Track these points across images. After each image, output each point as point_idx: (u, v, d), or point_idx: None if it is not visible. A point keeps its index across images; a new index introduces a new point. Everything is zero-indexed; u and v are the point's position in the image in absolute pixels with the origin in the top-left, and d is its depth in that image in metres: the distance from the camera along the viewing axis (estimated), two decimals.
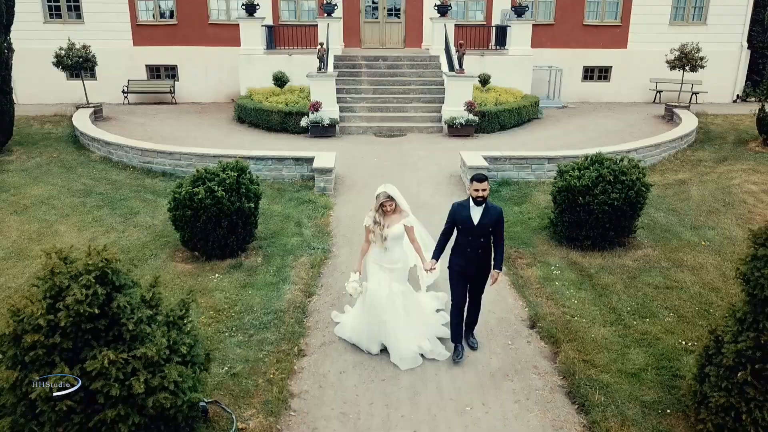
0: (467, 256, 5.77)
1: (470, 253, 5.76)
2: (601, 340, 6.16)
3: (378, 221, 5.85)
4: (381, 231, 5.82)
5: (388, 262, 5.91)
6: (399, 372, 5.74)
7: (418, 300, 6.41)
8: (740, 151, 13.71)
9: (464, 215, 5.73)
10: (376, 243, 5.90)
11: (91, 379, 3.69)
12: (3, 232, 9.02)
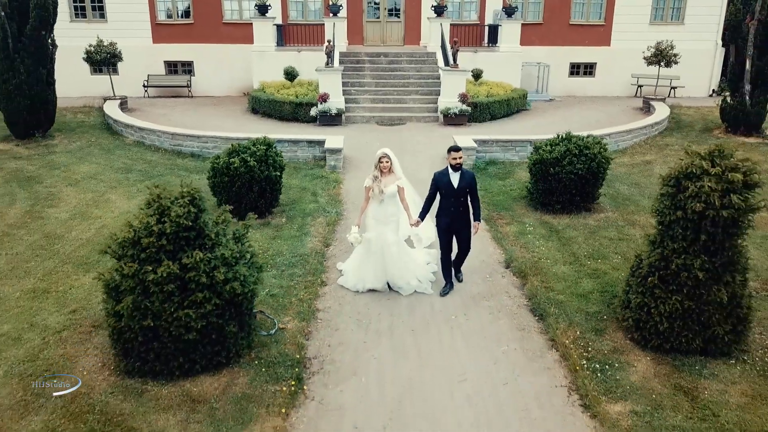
0: (451, 215, 7.23)
1: (453, 212, 7.22)
2: (560, 274, 7.77)
3: (377, 176, 7.31)
4: (379, 185, 7.27)
5: (384, 216, 7.34)
6: (400, 295, 7.33)
7: (410, 251, 7.88)
8: (704, 137, 15.34)
9: (445, 181, 7.18)
10: (374, 198, 7.30)
11: (186, 271, 5.29)
12: (63, 200, 10.62)
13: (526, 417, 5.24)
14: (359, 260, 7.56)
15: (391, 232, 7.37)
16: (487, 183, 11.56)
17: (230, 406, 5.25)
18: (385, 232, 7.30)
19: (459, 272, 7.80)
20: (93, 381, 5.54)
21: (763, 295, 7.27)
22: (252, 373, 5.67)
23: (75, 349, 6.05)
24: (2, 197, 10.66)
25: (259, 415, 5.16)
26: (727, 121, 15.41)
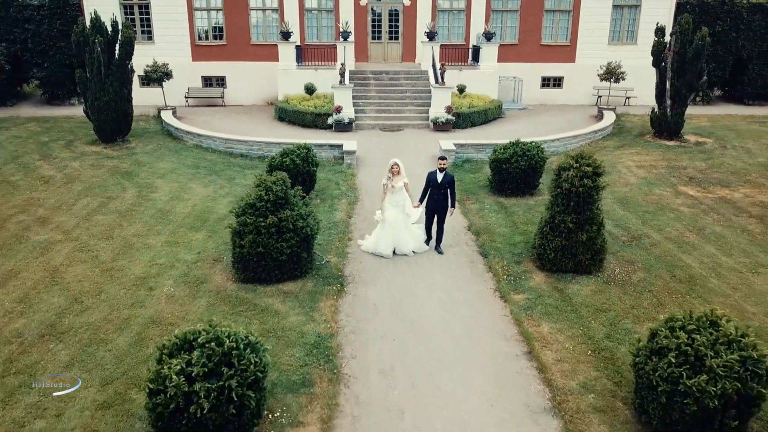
0: (435, 201, 11.34)
1: (437, 199, 11.28)
2: (501, 233, 12.06)
3: (390, 176, 11.48)
4: (391, 183, 11.42)
5: (396, 201, 11.50)
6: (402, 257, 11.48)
7: (411, 226, 12.07)
8: (636, 141, 19.64)
9: (433, 178, 11.32)
10: (389, 191, 11.42)
11: (280, 221, 9.57)
12: (159, 188, 14.88)
13: (471, 302, 9.52)
14: (378, 233, 11.51)
15: (402, 214, 11.38)
16: (462, 176, 15.85)
17: (305, 296, 9.54)
18: (397, 214, 11.32)
19: (439, 246, 11.81)
20: (225, 285, 9.83)
21: (626, 243, 11.57)
22: (315, 281, 9.96)
23: (208, 271, 10.34)
24: (114, 186, 14.93)
25: (321, 299, 9.44)
26: (655, 128, 19.70)
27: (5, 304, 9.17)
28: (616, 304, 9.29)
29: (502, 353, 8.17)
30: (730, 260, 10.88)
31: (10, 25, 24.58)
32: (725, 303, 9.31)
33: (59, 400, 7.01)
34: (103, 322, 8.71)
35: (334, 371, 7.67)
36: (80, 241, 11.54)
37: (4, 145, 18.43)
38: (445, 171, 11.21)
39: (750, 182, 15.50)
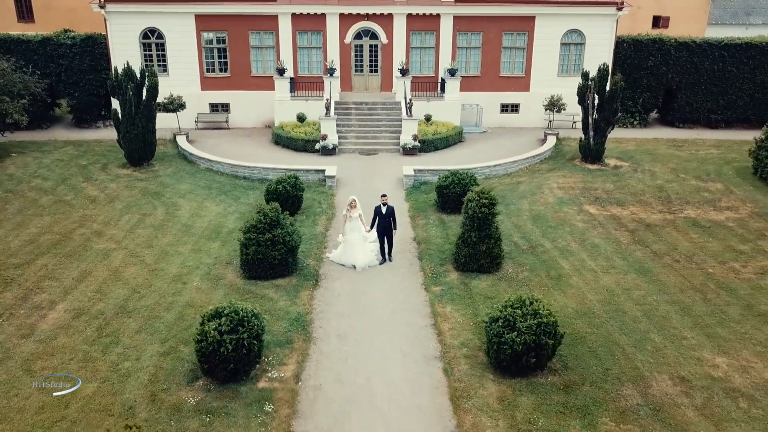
0: (383, 227, 15.59)
1: (384, 225, 15.57)
2: (437, 242, 16.47)
3: (348, 209, 15.78)
4: (349, 214, 15.72)
5: (353, 228, 15.70)
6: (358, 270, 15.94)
7: (366, 245, 16.34)
8: (566, 165, 24.05)
9: (379, 210, 15.56)
10: (348, 219, 15.75)
11: (273, 236, 13.96)
12: (181, 206, 19.27)
13: (404, 292, 13.93)
14: (341, 250, 15.86)
15: (358, 236, 15.76)
16: (417, 196, 20.27)
17: (291, 288, 13.95)
18: (354, 237, 15.68)
19: (390, 256, 16.11)
20: (235, 281, 14.22)
21: (525, 250, 15.98)
22: (298, 278, 14.36)
23: (223, 271, 14.74)
24: (147, 205, 19.32)
25: (302, 290, 13.85)
26: (582, 153, 24.10)
27: (87, 293, 13.57)
28: (501, 293, 13.69)
29: (417, 324, 12.60)
30: (593, 264, 15.31)
31: (47, 61, 28.93)
32: (574, 293, 13.74)
33: (138, 350, 11.41)
34: (155, 305, 13.11)
35: (307, 335, 12.09)
36: (129, 249, 15.96)
37: (52, 168, 22.80)
38: (388, 204, 15.49)
39: (641, 202, 19.93)
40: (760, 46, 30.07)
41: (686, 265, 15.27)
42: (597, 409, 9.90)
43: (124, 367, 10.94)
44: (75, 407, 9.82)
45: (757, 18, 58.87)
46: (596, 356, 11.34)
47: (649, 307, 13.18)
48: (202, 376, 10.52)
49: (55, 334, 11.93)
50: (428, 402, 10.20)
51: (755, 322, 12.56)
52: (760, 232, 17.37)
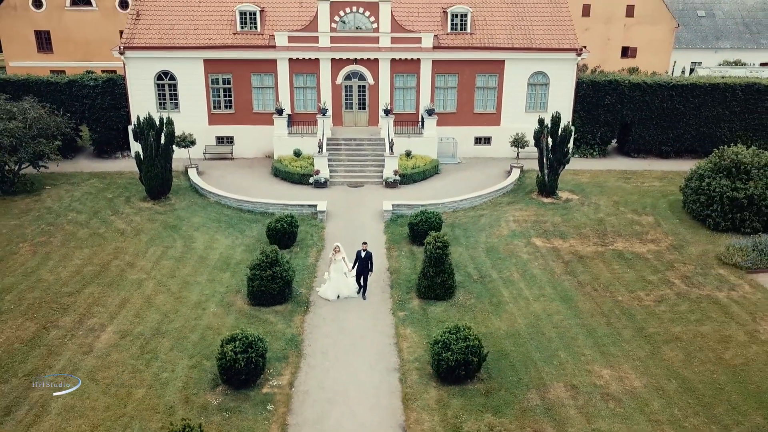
0: (362, 268, 19.25)
1: (363, 266, 19.21)
2: (405, 273, 20.34)
3: (333, 253, 19.57)
4: (334, 257, 19.51)
5: (337, 268, 19.33)
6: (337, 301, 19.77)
7: (347, 280, 20.06)
8: (525, 198, 27.91)
9: (359, 255, 19.15)
10: (333, 262, 19.54)
11: (273, 272, 17.83)
12: (197, 239, 23.11)
13: (375, 316, 17.79)
14: (327, 285, 19.65)
15: (342, 274, 19.47)
16: (394, 229, 24.13)
17: (287, 313, 17.81)
18: (339, 274, 19.44)
19: (364, 295, 19.74)
20: (243, 307, 18.08)
21: (475, 280, 19.86)
22: (292, 305, 18.23)
23: (233, 299, 18.61)
24: (167, 238, 23.16)
25: (296, 315, 17.73)
26: (538, 188, 27.98)
27: (129, 318, 17.44)
28: (451, 318, 17.56)
29: (383, 343, 16.48)
30: (528, 292, 19.21)
31: (72, 100, 32.75)
32: (508, 318, 17.61)
33: (172, 363, 15.27)
34: (182, 328, 16.99)
35: (299, 352, 15.97)
36: (157, 279, 19.83)
37: (83, 202, 26.62)
38: (367, 249, 19.22)
39: (580, 235, 23.82)
40: (703, 87, 33.98)
41: (602, 293, 19.17)
42: (506, 409, 13.79)
43: (163, 377, 14.80)
44: (131, 407, 13.70)
45: (726, 42, 62.91)
46: (514, 369, 15.23)
47: (563, 329, 17.08)
48: (222, 383, 14.39)
49: (108, 351, 15.80)
50: (386, 402, 14.09)
51: (640, 342, 16.46)
52: (671, 264, 21.27)
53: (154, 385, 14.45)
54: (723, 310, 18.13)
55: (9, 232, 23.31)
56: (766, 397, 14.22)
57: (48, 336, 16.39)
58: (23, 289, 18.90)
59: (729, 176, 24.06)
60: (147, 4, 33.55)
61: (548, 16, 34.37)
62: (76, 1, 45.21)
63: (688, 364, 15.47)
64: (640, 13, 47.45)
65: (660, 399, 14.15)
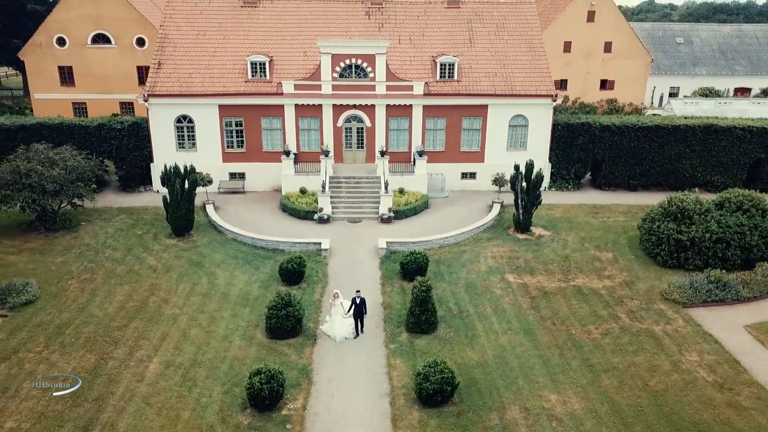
0: (357, 311, 23.01)
1: (358, 310, 22.96)
2: (397, 308, 24.25)
3: (333, 299, 23.39)
4: (334, 302, 23.32)
5: (336, 311, 23.09)
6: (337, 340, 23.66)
7: (345, 321, 23.86)
8: (502, 234, 31.84)
9: (354, 301, 22.83)
10: (333, 306, 23.38)
11: (287, 312, 21.76)
12: (219, 276, 27.02)
13: (370, 349, 21.71)
14: (328, 325, 23.45)
15: (341, 316, 23.28)
16: (388, 265, 28.04)
17: (298, 345, 21.71)
18: (337, 317, 23.24)
19: (362, 331, 23.60)
20: (262, 340, 21.98)
21: (455, 314, 23.78)
22: (303, 338, 22.12)
23: (254, 332, 22.52)
24: (194, 274, 27.05)
25: (305, 347, 21.61)
26: (515, 225, 31.92)
27: (170, 350, 21.33)
28: (433, 349, 21.46)
29: (376, 372, 20.40)
30: (498, 326, 23.12)
31: (102, 141, 36.62)
32: (479, 349, 21.51)
33: (209, 390, 19.17)
34: (214, 359, 20.89)
35: (309, 380, 19.89)
36: (189, 314, 23.73)
37: (117, 238, 30.51)
38: (361, 296, 22.99)
39: (548, 271, 27.75)
40: (666, 128, 37.98)
41: (559, 327, 23.11)
42: (473, 427, 17.71)
43: (203, 401, 18.72)
44: (180, 426, 17.61)
45: (702, 68, 67.05)
46: (480, 394, 19.16)
47: (524, 359, 21.02)
48: (249, 407, 18.30)
49: (157, 379, 19.71)
50: (378, 423, 18.01)
51: (584, 371, 20.40)
52: (620, 299, 25.23)
53: (197, 408, 18.37)
54: (656, 343, 22.09)
55: (57, 269, 27.21)
56: (676, 418, 18.17)
57: (106, 366, 20.29)
58: (79, 324, 22.80)
59: (675, 220, 28.02)
60: (167, 54, 37.43)
61: (527, 65, 38.32)
62: (97, 39, 49.02)
63: (620, 390, 19.41)
64: (617, 49, 51.34)
65: (593, 420, 18.09)
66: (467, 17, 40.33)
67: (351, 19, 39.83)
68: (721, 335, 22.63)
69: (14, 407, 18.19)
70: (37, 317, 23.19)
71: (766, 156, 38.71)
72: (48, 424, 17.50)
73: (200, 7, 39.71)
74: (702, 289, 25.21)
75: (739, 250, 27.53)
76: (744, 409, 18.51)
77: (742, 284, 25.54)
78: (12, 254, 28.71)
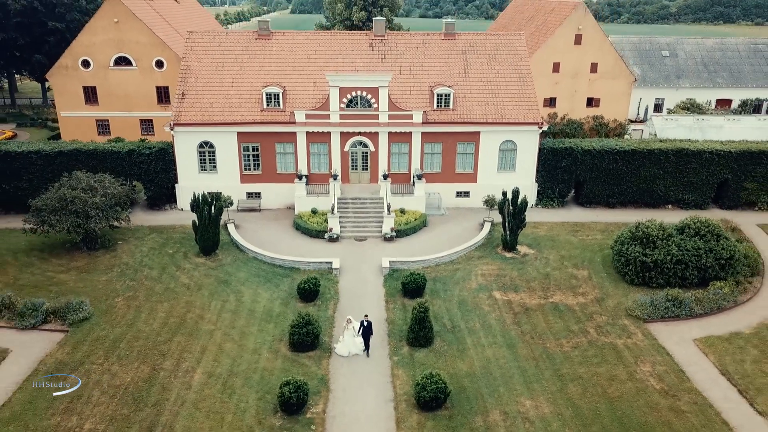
0: (365, 333, 27.03)
1: (366, 331, 26.97)
2: (398, 323, 28.44)
3: (346, 324, 27.35)
4: (346, 327, 27.30)
5: (349, 334, 27.07)
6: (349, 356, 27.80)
7: (356, 340, 27.86)
8: (491, 252, 35.97)
9: (362, 324, 26.92)
10: (345, 329, 27.38)
11: (309, 330, 25.95)
12: (244, 293, 31.16)
13: (377, 361, 25.89)
14: (341, 345, 27.43)
15: (351, 337, 27.30)
16: (390, 282, 32.18)
17: (316, 357, 25.89)
18: (349, 338, 27.20)
19: (368, 352, 27.61)
20: (286, 353, 26.15)
21: (448, 330, 27.97)
22: (320, 351, 26.27)
23: (278, 346, 26.71)
24: (222, 292, 31.20)
25: (323, 359, 25.80)
26: (502, 244, 36.04)
27: (210, 362, 25.52)
28: (430, 362, 25.67)
29: (382, 381, 24.61)
30: (485, 340, 27.31)
31: (132, 165, 40.62)
32: (468, 361, 25.69)
33: (245, 397, 23.41)
34: (247, 370, 25.09)
35: (327, 388, 24.11)
36: (222, 329, 27.90)
37: (151, 257, 34.62)
38: (368, 320, 27.01)
39: (530, 288, 31.92)
40: (642, 152, 42.00)
41: (537, 341, 27.31)
42: (461, 428, 21.92)
43: (242, 406, 22.93)
44: (225, 427, 21.81)
45: (686, 81, 70.85)
46: (468, 400, 23.37)
47: (505, 370, 25.23)
48: (280, 411, 22.50)
49: (202, 387, 23.91)
50: (384, 425, 22.24)
51: (555, 380, 24.62)
52: (591, 315, 29.43)
53: (237, 412, 22.59)
54: (617, 355, 26.32)
55: (104, 287, 31.37)
56: (626, 420, 22.41)
57: (159, 376, 24.49)
58: (130, 338, 26.99)
59: (641, 244, 32.16)
60: (189, 86, 41.34)
61: (516, 94, 42.26)
62: (119, 62, 52.79)
63: (583, 397, 23.65)
64: (602, 70, 55.13)
65: (558, 422, 22.33)
66: (462, 48, 44.19)
67: (356, 50, 43.67)
68: (673, 348, 26.85)
69: (89, 411, 22.41)
70: (94, 332, 27.37)
71: (731, 176, 42.76)
72: (119, 426, 21.73)
73: (218, 39, 43.55)
74: (660, 306, 29.41)
75: (696, 271, 31.69)
76: (682, 413, 22.77)
77: (695, 302, 29.74)
78: (62, 273, 32.85)
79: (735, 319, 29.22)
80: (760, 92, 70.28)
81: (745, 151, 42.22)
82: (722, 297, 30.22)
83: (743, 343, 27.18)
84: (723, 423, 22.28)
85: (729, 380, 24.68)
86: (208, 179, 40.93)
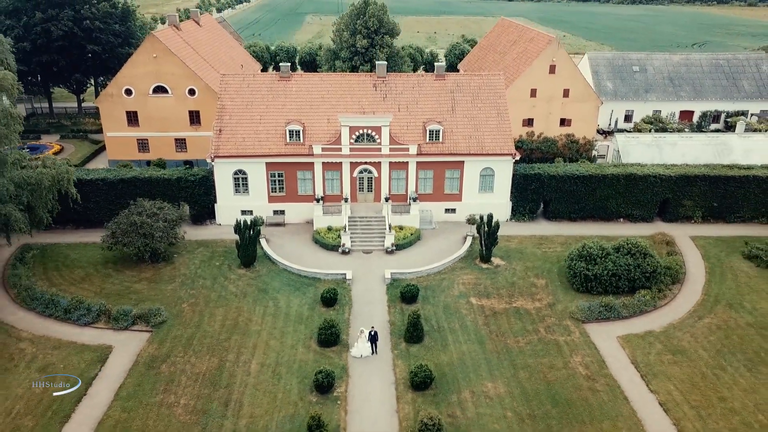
0: (372, 339, 36.42)
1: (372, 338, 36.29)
2: (398, 325, 37.93)
3: (359, 335, 36.56)
4: (359, 336, 36.55)
5: (362, 341, 36.34)
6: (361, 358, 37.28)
7: (366, 344, 37.12)
8: (471, 264, 45.33)
9: (369, 333, 36.42)
10: (359, 338, 36.61)
11: (332, 332, 35.47)
12: (280, 300, 40.57)
13: (383, 359, 35.49)
14: (355, 349, 36.60)
15: (363, 343, 36.60)
16: (392, 291, 41.57)
17: (338, 351, 35.40)
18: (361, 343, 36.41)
19: (375, 351, 37.04)
20: (316, 348, 35.69)
21: (435, 330, 37.54)
22: (340, 347, 35.72)
23: (309, 342, 36.19)
24: (262, 299, 40.62)
25: (343, 353, 35.37)
26: (480, 257, 45.37)
27: (261, 355, 35.06)
28: (421, 355, 35.21)
29: (386, 370, 34.20)
30: (462, 338, 36.83)
31: (179, 189, 49.72)
32: (449, 354, 35.24)
33: (290, 382, 33.03)
34: (287, 361, 34.66)
35: (347, 374, 33.72)
36: (267, 330, 37.42)
37: (203, 269, 43.96)
38: (375, 331, 36.39)
39: (499, 295, 41.39)
40: (597, 176, 51.17)
41: (501, 339, 36.86)
42: (441, 404, 31.51)
43: (287, 387, 32.52)
44: (279, 401, 31.49)
45: (653, 95, 79.76)
46: (447, 383, 32.97)
47: (475, 361, 34.82)
48: (315, 391, 32.09)
49: (258, 375, 33.46)
50: (388, 400, 31.87)
51: (510, 368, 34.19)
52: (543, 317, 38.95)
53: (284, 392, 32.18)
54: (558, 349, 35.92)
55: (171, 294, 40.81)
56: (557, 397, 32.00)
57: (225, 366, 34.06)
58: (200, 337, 36.51)
59: (585, 261, 41.57)
60: (225, 122, 50.23)
61: (495, 128, 51.21)
62: (157, 90, 61.35)
63: (529, 380, 33.26)
64: (573, 95, 63.78)
65: (509, 398, 31.96)
66: (450, 87, 52.95)
67: (362, 91, 52.40)
68: (600, 343, 36.46)
69: (181, 391, 32.02)
70: (172, 332, 36.89)
71: (672, 195, 52.00)
72: (204, 401, 31.36)
73: (247, 80, 52.25)
74: (596, 310, 38.95)
75: (627, 282, 41.17)
76: (597, 392, 32.45)
77: (623, 306, 39.29)
78: (135, 283, 42.26)
79: (651, 320, 38.80)
80: (719, 104, 79.26)
81: (682, 175, 51.38)
82: (644, 302, 39.76)
83: (653, 339, 36.80)
84: (624, 399, 31.96)
85: (636, 367, 34.32)
86: (241, 200, 50.10)
